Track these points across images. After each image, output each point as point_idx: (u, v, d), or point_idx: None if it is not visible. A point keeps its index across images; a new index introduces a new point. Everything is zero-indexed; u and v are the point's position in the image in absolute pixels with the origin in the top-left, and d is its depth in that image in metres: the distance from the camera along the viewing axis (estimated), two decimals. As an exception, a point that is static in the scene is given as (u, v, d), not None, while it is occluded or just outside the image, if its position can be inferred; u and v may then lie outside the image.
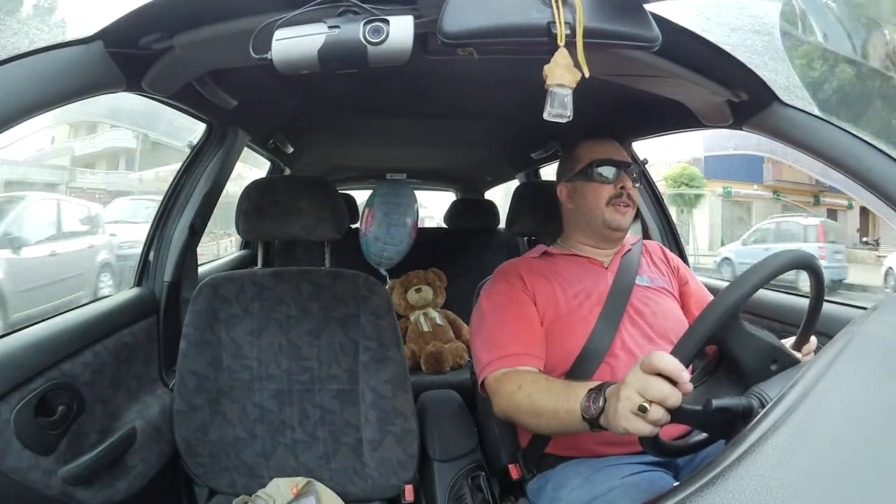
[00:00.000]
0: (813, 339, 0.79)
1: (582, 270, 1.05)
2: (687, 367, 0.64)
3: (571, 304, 1.00)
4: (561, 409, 0.76)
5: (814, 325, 0.76)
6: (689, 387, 0.59)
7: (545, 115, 0.64)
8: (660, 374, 0.59)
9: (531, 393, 0.83)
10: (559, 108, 0.63)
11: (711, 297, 1.11)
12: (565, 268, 1.06)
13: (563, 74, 0.61)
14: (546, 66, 0.62)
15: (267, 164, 2.17)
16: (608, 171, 1.03)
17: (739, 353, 0.66)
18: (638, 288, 1.02)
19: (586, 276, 1.04)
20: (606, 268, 1.06)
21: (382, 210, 2.25)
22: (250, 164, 2.45)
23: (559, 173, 1.14)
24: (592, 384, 0.73)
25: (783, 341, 0.80)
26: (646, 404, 0.59)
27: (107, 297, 1.15)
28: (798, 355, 0.73)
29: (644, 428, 0.60)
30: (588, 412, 0.70)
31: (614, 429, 0.64)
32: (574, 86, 0.63)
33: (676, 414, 0.65)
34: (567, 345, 0.96)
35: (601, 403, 0.68)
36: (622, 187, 1.03)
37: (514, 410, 0.86)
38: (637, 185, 1.07)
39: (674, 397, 0.58)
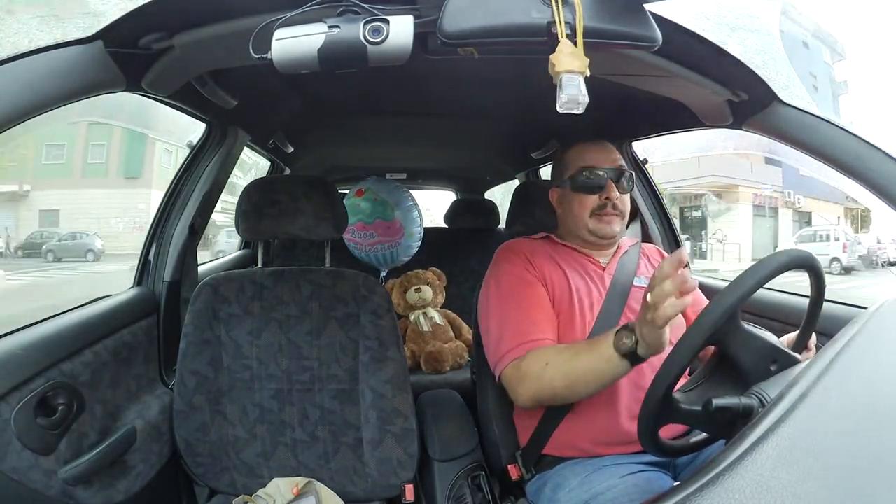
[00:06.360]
0: (813, 337, 0.79)
1: (581, 267, 1.05)
2: (687, 366, 0.65)
3: (572, 300, 0.99)
4: (596, 361, 0.79)
5: (814, 324, 0.76)
6: (686, 258, 0.68)
7: (558, 107, 0.60)
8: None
9: (560, 363, 0.84)
10: (573, 94, 0.59)
11: (705, 298, 1.11)
12: (568, 257, 1.05)
13: (571, 61, 0.59)
14: (552, 56, 0.60)
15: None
16: (593, 181, 1.01)
17: (739, 353, 0.67)
18: (636, 289, 1.02)
19: (585, 274, 1.04)
20: (604, 268, 1.06)
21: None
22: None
23: (552, 177, 1.13)
24: (615, 331, 0.78)
25: (786, 337, 0.80)
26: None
27: (107, 296, 1.15)
28: (798, 357, 0.73)
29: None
30: (623, 348, 0.75)
31: (655, 346, 0.71)
32: (585, 72, 0.60)
33: (677, 414, 0.65)
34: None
35: (634, 338, 0.74)
36: (607, 198, 1.00)
37: (548, 387, 0.86)
38: (630, 189, 1.05)
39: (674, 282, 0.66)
